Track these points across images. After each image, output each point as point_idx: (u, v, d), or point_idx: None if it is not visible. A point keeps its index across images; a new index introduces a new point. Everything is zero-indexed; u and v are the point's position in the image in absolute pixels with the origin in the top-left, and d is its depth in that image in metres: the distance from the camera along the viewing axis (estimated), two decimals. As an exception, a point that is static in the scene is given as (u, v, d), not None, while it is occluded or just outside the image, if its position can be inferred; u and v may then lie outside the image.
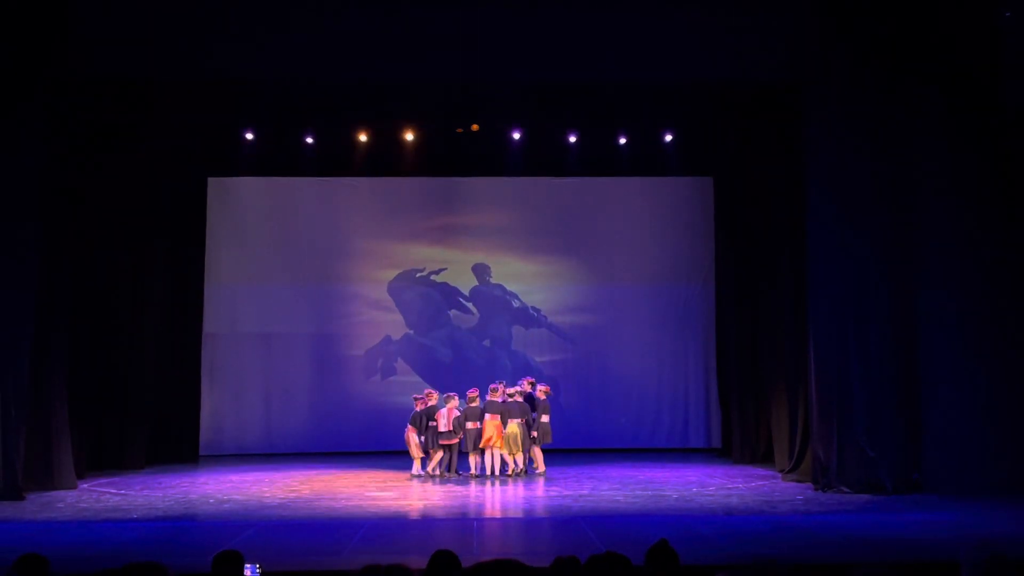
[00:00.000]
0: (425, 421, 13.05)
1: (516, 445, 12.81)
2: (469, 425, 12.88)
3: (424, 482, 12.73)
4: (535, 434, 13.08)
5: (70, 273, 12.61)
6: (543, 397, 13.30)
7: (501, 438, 12.82)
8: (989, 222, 11.81)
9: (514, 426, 12.79)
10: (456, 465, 13.11)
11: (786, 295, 13.49)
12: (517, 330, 17.12)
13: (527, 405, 13.05)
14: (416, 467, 13.18)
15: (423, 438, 13.07)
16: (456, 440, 12.94)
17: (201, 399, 16.13)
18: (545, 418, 13.17)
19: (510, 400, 12.99)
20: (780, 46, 12.04)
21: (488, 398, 13.05)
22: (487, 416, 12.87)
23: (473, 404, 13.01)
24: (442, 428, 12.87)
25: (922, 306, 11.77)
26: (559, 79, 13.93)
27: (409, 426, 13.17)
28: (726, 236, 15.99)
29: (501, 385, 13.32)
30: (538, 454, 13.25)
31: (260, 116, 15.37)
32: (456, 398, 13.15)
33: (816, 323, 11.83)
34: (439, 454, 13.06)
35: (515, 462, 12.95)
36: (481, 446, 12.90)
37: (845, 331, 11.68)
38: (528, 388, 13.45)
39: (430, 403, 13.13)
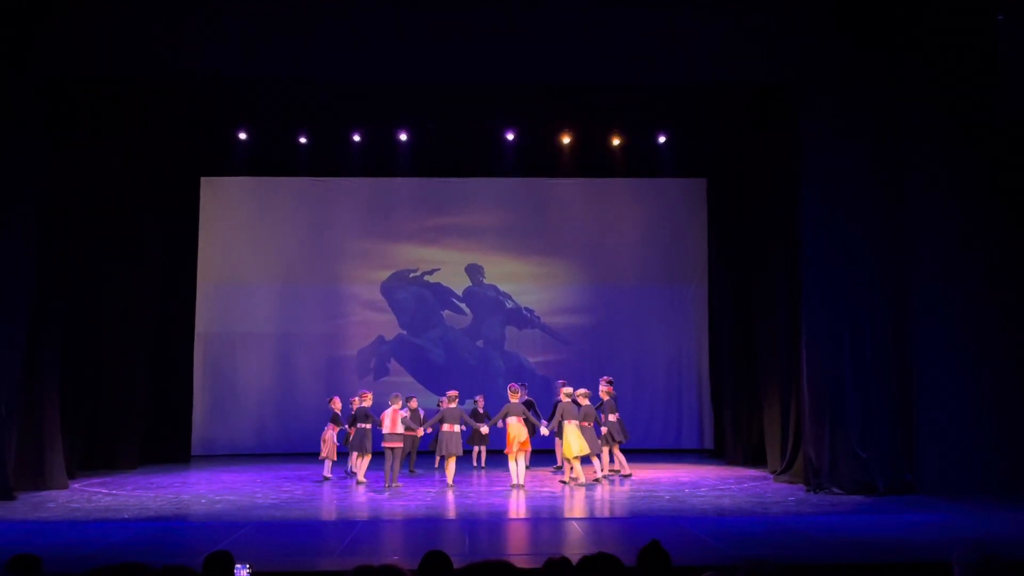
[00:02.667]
0: (353, 421, 12.72)
1: (593, 446, 12.23)
2: (446, 427, 12.28)
3: (327, 484, 12.68)
4: (605, 431, 12.77)
5: (62, 272, 12.59)
6: (607, 397, 13.03)
7: (520, 443, 12.18)
8: (984, 225, 11.85)
9: (572, 427, 12.14)
10: (400, 468, 12.61)
11: (779, 296, 13.50)
12: (510, 331, 17.13)
13: (575, 407, 12.39)
14: (327, 468, 13.07)
15: (336, 436, 13.01)
16: (399, 444, 12.39)
17: (193, 399, 16.12)
18: (613, 417, 12.91)
19: (566, 400, 12.40)
20: (773, 47, 12.04)
21: (510, 400, 12.43)
22: (512, 419, 12.22)
23: (451, 405, 12.46)
24: (386, 430, 12.34)
25: (915, 307, 11.80)
26: (553, 80, 13.91)
27: (329, 425, 13.11)
28: (719, 237, 16.02)
29: (523, 387, 13.04)
30: (606, 456, 12.92)
31: (253, 116, 15.36)
32: (400, 399, 12.66)
33: (809, 324, 11.84)
34: (368, 458, 12.63)
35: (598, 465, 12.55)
36: (507, 452, 12.21)
37: (838, 332, 11.69)
38: (608, 387, 13.11)
39: (364, 403, 12.68)
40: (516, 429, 12.15)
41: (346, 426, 13.07)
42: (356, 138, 16.02)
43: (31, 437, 11.71)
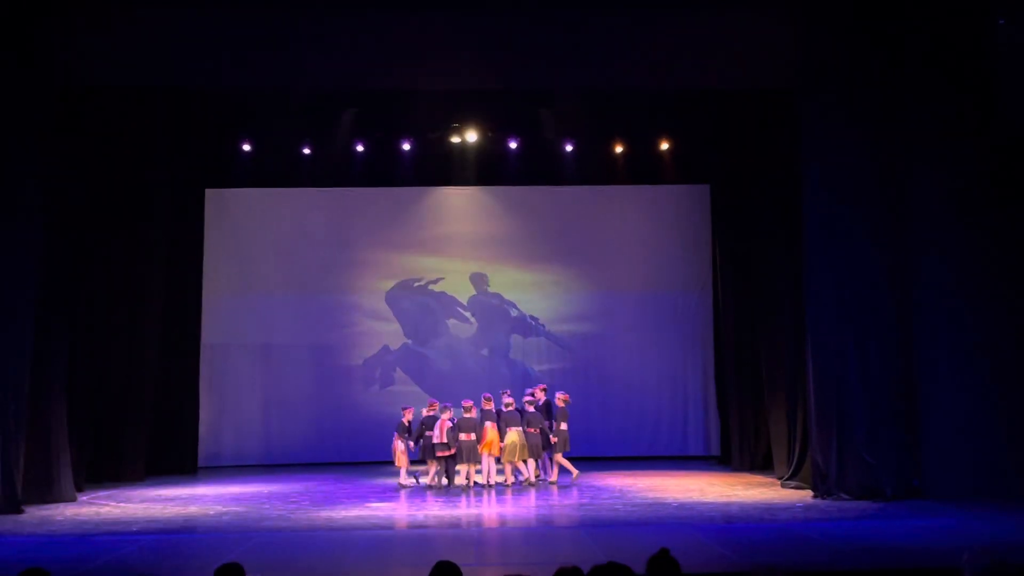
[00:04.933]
0: (422, 431, 13.06)
1: (513, 454, 12.85)
2: (463, 436, 12.75)
3: (411, 492, 12.77)
4: (555, 440, 13.10)
5: (68, 284, 12.61)
6: (562, 405, 13.32)
7: (497, 446, 12.87)
8: (990, 226, 11.80)
9: (513, 434, 12.83)
10: (451, 476, 13.07)
11: (784, 301, 13.50)
12: (515, 339, 17.12)
13: (518, 414, 13.01)
14: (402, 476, 13.22)
15: (409, 447, 13.14)
16: (451, 451, 12.79)
17: (200, 410, 16.12)
18: (563, 426, 13.20)
19: (507, 409, 13.02)
20: (777, 53, 12.06)
21: (483, 407, 13.07)
22: (486, 424, 12.90)
23: (468, 415, 12.92)
24: (436, 439, 12.75)
25: (922, 310, 11.78)
26: (555, 87, 13.97)
27: (396, 435, 13.24)
28: (724, 243, 16.01)
29: (505, 394, 13.42)
30: (558, 463, 13.30)
31: (257, 127, 15.45)
32: (450, 410, 13.06)
33: (815, 329, 11.82)
34: (434, 466, 13.02)
35: (517, 471, 13.08)
36: (492, 454, 12.91)
37: (844, 337, 11.66)
38: (542, 396, 13.45)
39: (430, 413, 13.04)
40: (488, 434, 12.85)
41: (410, 439, 13.22)
42: (360, 148, 16.11)
43: (39, 450, 11.71)
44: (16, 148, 11.46)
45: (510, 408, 13.06)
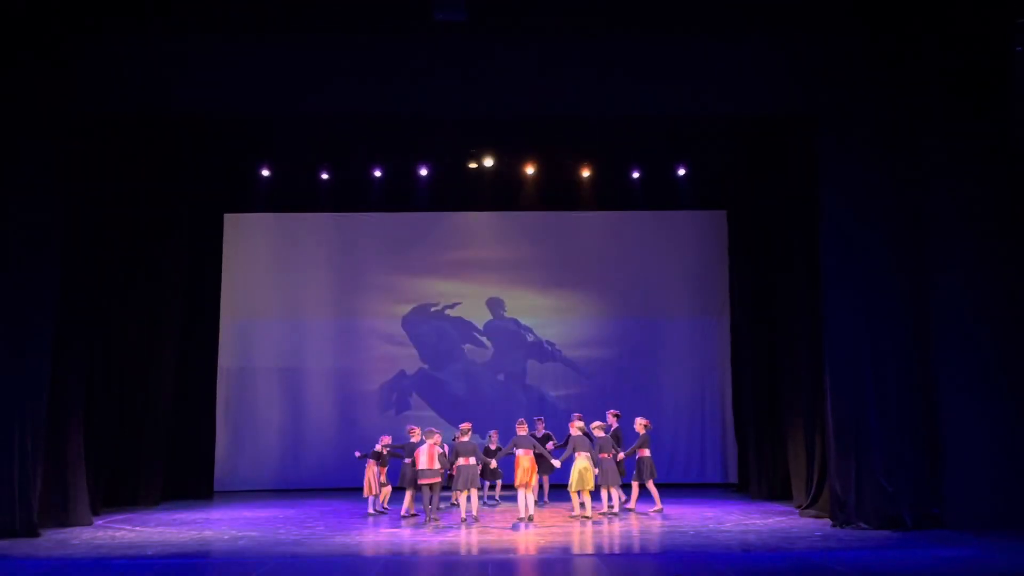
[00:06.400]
0: (400, 456, 12.89)
1: (581, 483, 12.25)
2: (462, 461, 12.24)
3: (376, 519, 12.76)
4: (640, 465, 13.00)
5: (86, 308, 12.69)
6: (643, 431, 13.18)
7: (533, 474, 12.57)
8: (1007, 254, 11.74)
9: (582, 460, 12.23)
10: (437, 503, 12.54)
11: (802, 328, 13.42)
12: (532, 364, 17.11)
13: (587, 439, 12.43)
14: (371, 504, 13.14)
15: (381, 474, 13.08)
16: (437, 479, 12.26)
17: (216, 434, 16.18)
18: (646, 452, 13.10)
19: (577, 434, 12.52)
20: (794, 79, 12.07)
21: (518, 433, 12.77)
22: (519, 452, 12.52)
23: (464, 439, 12.41)
24: (421, 466, 12.20)
25: (941, 336, 11.68)
26: (572, 114, 14.01)
27: (369, 461, 13.14)
28: (741, 269, 15.97)
29: (540, 421, 13.31)
30: (650, 489, 13.16)
31: (275, 153, 15.58)
32: (438, 434, 12.50)
33: (832, 356, 11.75)
34: (410, 492, 12.77)
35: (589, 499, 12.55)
36: (516, 485, 12.41)
37: (862, 363, 11.59)
38: (614, 421, 13.24)
39: (412, 439, 12.73)
40: (521, 462, 12.46)
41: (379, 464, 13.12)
42: (377, 173, 16.22)
43: (55, 474, 11.76)
44: (35, 174, 11.59)
45: (578, 434, 12.52)
